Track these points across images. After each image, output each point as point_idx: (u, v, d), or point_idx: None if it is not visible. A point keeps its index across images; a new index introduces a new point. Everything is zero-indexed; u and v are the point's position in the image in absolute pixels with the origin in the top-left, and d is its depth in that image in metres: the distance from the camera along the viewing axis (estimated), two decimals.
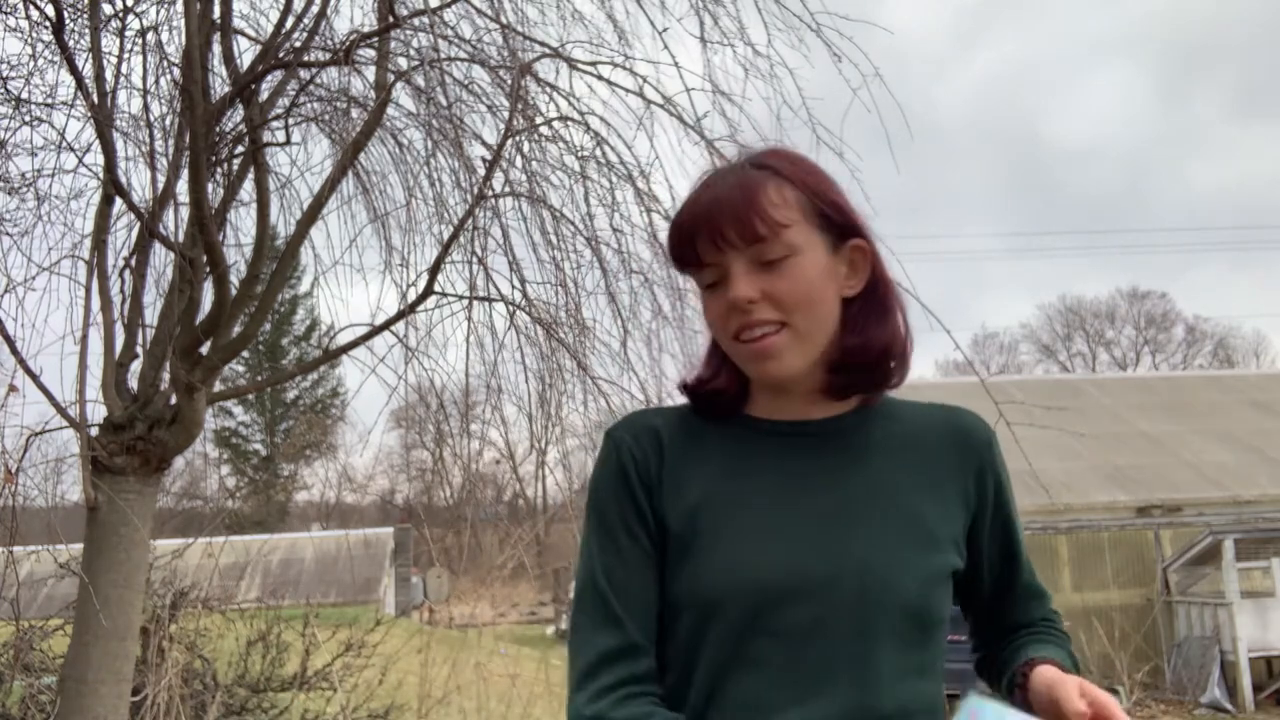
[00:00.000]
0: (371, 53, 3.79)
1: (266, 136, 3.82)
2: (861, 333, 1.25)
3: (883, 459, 1.26)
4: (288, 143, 4.01)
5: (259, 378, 10.25)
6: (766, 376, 1.24)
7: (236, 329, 3.76)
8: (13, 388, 3.51)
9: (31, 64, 4.12)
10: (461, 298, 3.95)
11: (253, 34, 4.25)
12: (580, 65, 3.88)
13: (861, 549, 1.19)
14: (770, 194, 1.21)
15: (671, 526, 1.24)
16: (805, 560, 1.19)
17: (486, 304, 4.01)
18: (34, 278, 3.94)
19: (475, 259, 3.94)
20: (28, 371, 3.65)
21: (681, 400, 1.38)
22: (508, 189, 4.03)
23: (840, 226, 1.26)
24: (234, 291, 3.65)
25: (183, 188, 3.82)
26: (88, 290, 3.84)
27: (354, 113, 4.25)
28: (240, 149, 3.95)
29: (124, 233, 4.11)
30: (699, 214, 1.23)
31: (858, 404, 1.29)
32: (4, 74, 4.15)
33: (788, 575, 1.18)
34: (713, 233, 1.21)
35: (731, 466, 1.26)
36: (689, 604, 1.20)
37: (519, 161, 4.04)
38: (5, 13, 4.05)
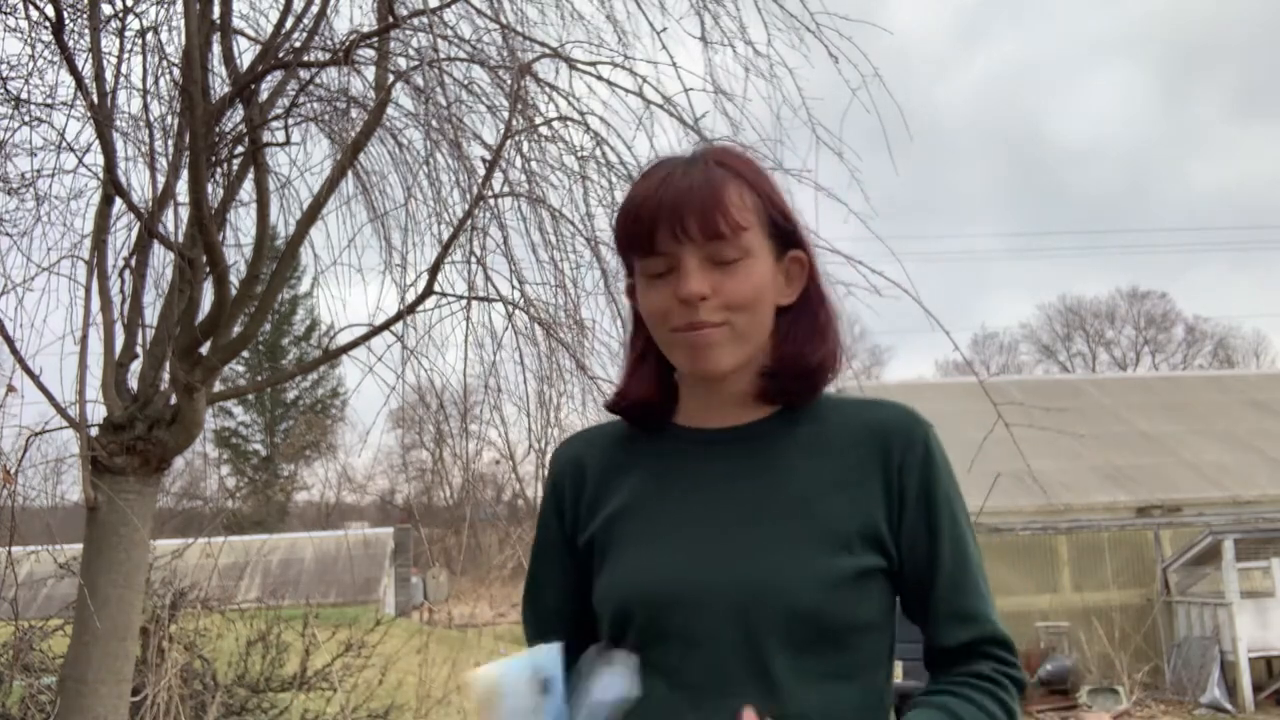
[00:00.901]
0: (371, 53, 3.79)
1: (266, 136, 3.82)
2: (795, 343, 1.27)
3: (799, 461, 1.25)
4: (287, 143, 4.02)
5: (259, 378, 10.25)
6: (701, 369, 1.24)
7: (236, 329, 3.76)
8: (11, 388, 3.51)
9: (31, 64, 4.13)
10: (461, 298, 3.95)
11: (252, 34, 4.26)
12: (580, 65, 3.88)
13: (749, 555, 1.19)
14: (733, 194, 1.22)
15: (595, 538, 1.30)
16: (688, 568, 1.20)
17: (486, 304, 4.01)
18: (34, 278, 3.95)
19: (475, 259, 3.95)
20: (27, 371, 3.65)
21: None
22: (507, 189, 4.03)
23: (785, 236, 1.28)
24: (234, 291, 3.65)
25: (183, 188, 3.82)
26: (87, 290, 3.84)
27: (354, 113, 4.25)
28: (240, 149, 3.95)
29: (124, 233, 4.12)
30: (663, 202, 1.21)
31: (783, 407, 1.29)
32: (4, 74, 4.15)
33: (671, 583, 1.21)
34: (674, 223, 1.20)
35: (652, 476, 1.29)
36: (601, 610, 1.28)
37: (519, 162, 4.05)
38: (5, 13, 4.05)
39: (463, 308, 3.93)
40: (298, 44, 3.92)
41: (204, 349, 3.66)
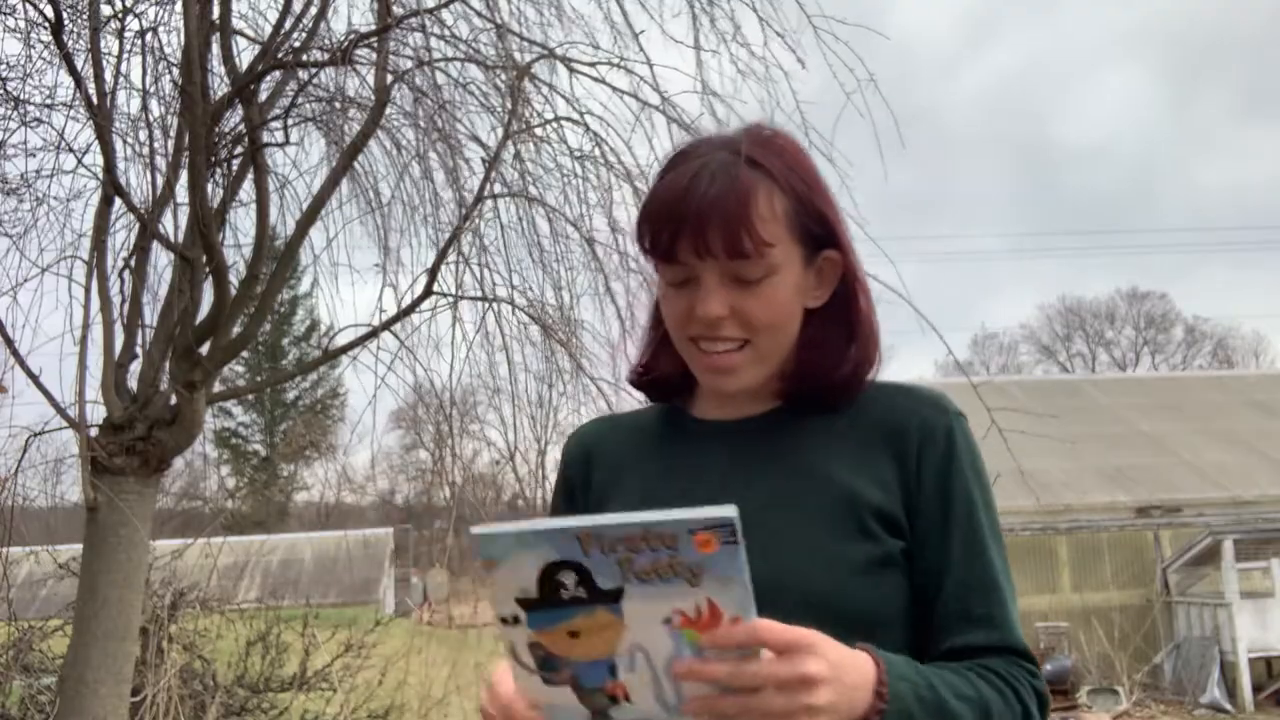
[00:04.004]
0: (370, 53, 3.79)
1: (265, 137, 3.82)
2: (821, 352, 1.21)
3: (817, 450, 1.19)
4: (286, 143, 4.02)
5: (259, 378, 10.25)
6: (716, 388, 1.21)
7: (236, 329, 3.77)
8: (1, 388, 3.51)
9: (29, 65, 4.13)
10: (460, 298, 3.95)
11: (252, 34, 4.26)
12: (578, 66, 3.88)
13: (765, 546, 1.09)
14: (761, 205, 1.13)
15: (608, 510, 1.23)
16: None
17: (485, 304, 4.01)
18: (34, 278, 3.95)
19: (473, 260, 3.95)
20: (27, 372, 3.66)
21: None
22: (506, 190, 4.03)
23: (819, 238, 1.19)
24: (234, 292, 3.65)
25: (182, 188, 3.82)
26: (87, 291, 3.84)
27: (352, 113, 4.25)
28: (240, 149, 3.95)
29: (123, 233, 4.12)
30: (686, 213, 1.13)
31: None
32: (2, 75, 4.15)
33: None
34: (696, 238, 1.12)
35: (671, 467, 1.26)
36: None
37: (516, 162, 4.05)
38: (4, 13, 4.05)
39: (461, 307, 3.92)
40: (297, 44, 3.92)
41: (204, 349, 3.66)
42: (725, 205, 1.12)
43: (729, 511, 0.88)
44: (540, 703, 0.98)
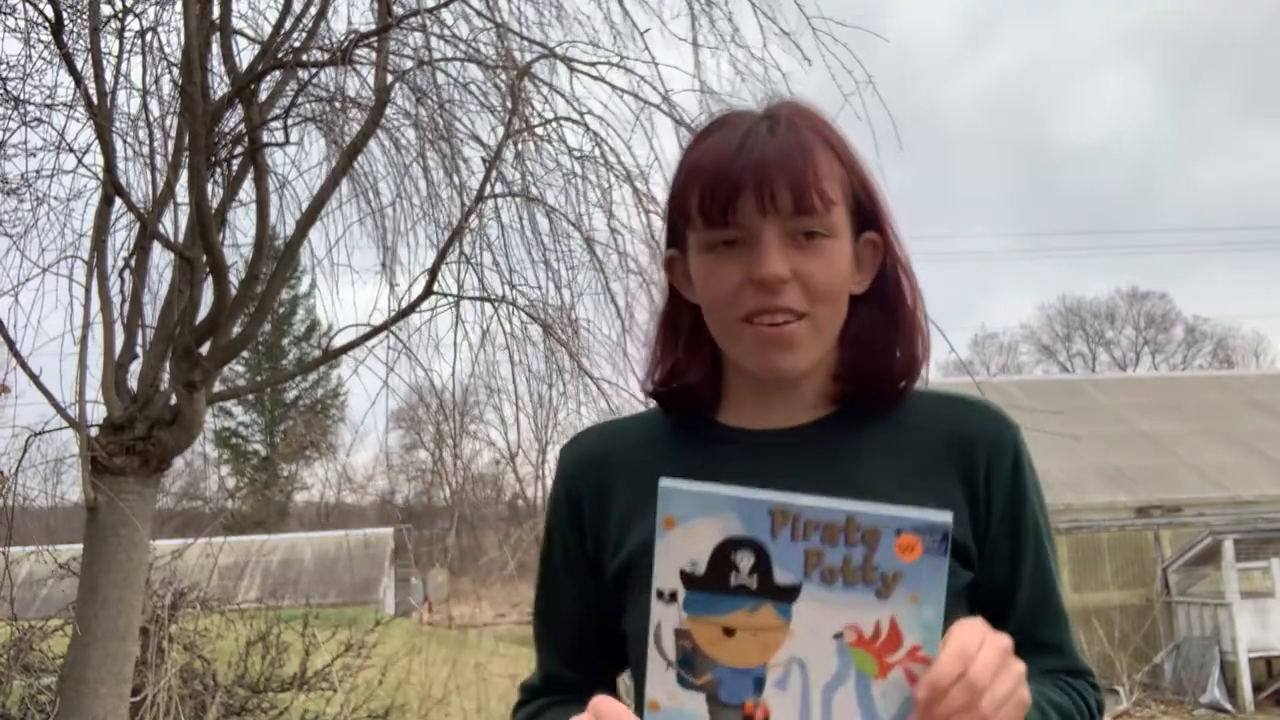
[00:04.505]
0: (370, 53, 3.79)
1: (265, 137, 3.83)
2: (870, 342, 1.11)
3: (871, 463, 1.09)
4: (286, 143, 4.02)
5: (259, 378, 10.25)
6: (776, 369, 1.06)
7: (236, 329, 3.77)
8: (4, 388, 3.51)
9: (29, 65, 4.13)
10: (460, 298, 3.96)
11: (252, 34, 4.26)
12: (578, 66, 3.88)
13: None
14: (823, 163, 1.05)
15: (635, 563, 1.08)
16: None
17: (485, 304, 4.01)
18: (34, 278, 3.95)
19: (474, 260, 3.95)
20: (27, 372, 3.66)
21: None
22: (506, 190, 4.03)
23: (864, 216, 1.11)
24: (234, 292, 3.65)
25: (182, 188, 3.82)
26: (87, 290, 3.84)
27: (352, 113, 4.25)
28: (240, 149, 3.95)
29: (123, 233, 4.12)
30: (750, 166, 1.03)
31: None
32: (3, 75, 4.15)
33: None
34: (762, 192, 1.02)
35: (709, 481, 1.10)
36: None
37: (517, 162, 4.05)
38: (4, 13, 4.05)
39: (462, 308, 3.93)
40: (297, 44, 3.92)
41: (204, 349, 3.66)
42: (790, 158, 1.04)
43: (944, 516, 0.80)
44: (662, 705, 0.86)
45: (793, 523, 0.81)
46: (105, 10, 3.96)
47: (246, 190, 4.06)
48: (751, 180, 1.03)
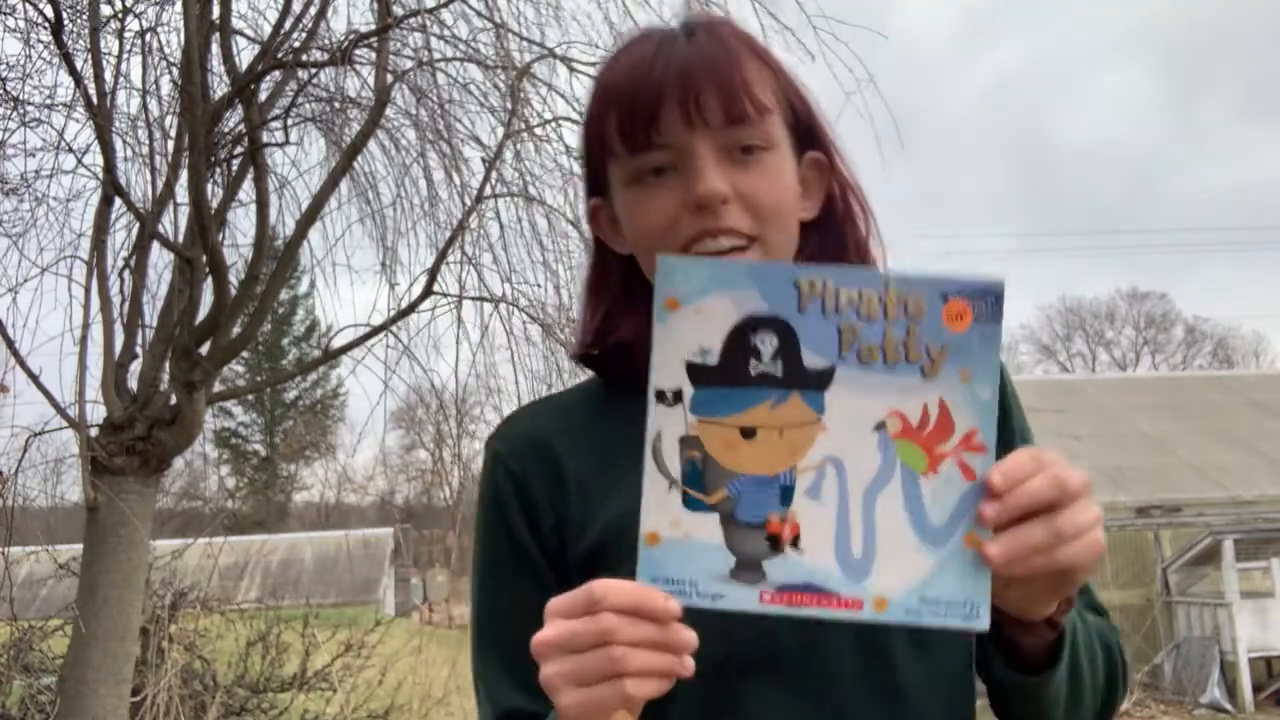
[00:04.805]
0: (370, 53, 3.79)
1: (265, 137, 3.83)
2: None
3: None
4: (286, 143, 4.02)
5: (259, 378, 10.26)
6: None
7: (236, 329, 3.77)
8: (3, 387, 3.51)
9: (29, 65, 4.13)
10: (461, 298, 3.96)
11: (252, 34, 4.26)
12: (577, 66, 3.88)
13: None
14: (752, 69, 0.94)
15: (604, 544, 0.94)
16: None
17: (485, 304, 4.01)
18: (34, 278, 3.95)
19: (474, 260, 3.95)
20: (27, 372, 3.66)
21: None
22: (506, 190, 4.03)
23: (805, 131, 0.99)
24: (233, 292, 3.65)
25: (182, 188, 3.82)
26: (87, 290, 3.85)
27: (352, 113, 4.26)
28: (239, 149, 3.95)
29: (123, 233, 4.12)
30: (669, 76, 0.91)
31: None
32: (3, 75, 4.16)
33: None
34: (687, 101, 0.90)
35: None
36: None
37: (516, 162, 4.05)
38: (4, 13, 4.05)
39: (462, 308, 3.93)
40: (297, 44, 3.92)
41: (204, 349, 3.66)
42: (715, 63, 0.92)
43: (998, 277, 0.70)
44: (664, 536, 0.71)
45: (823, 295, 0.69)
46: (105, 10, 3.97)
47: (246, 190, 4.07)
48: (674, 90, 0.90)
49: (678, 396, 0.70)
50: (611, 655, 0.69)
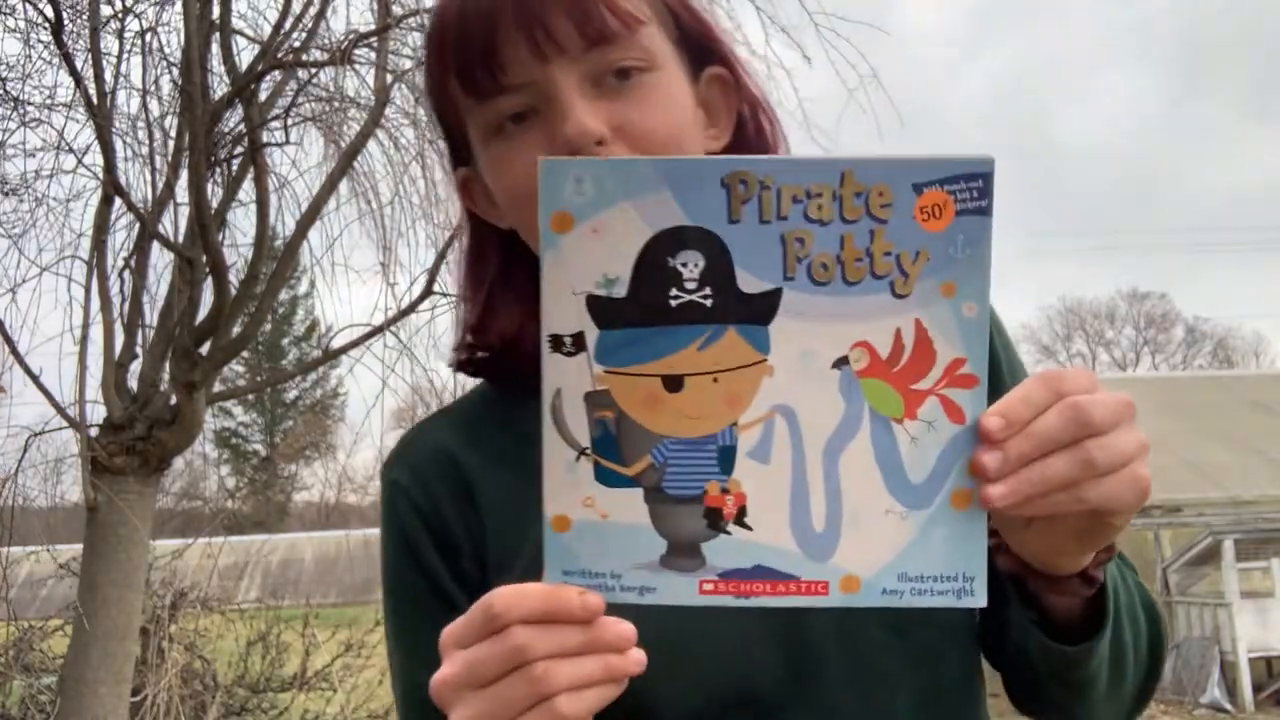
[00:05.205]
0: (370, 53, 3.80)
1: (265, 137, 3.83)
2: None
3: None
4: (286, 143, 4.02)
5: (259, 378, 10.26)
6: None
7: (236, 329, 3.77)
8: (0, 388, 3.52)
9: (29, 65, 4.13)
10: (461, 298, 3.96)
11: (252, 34, 4.26)
12: None
13: None
14: None
15: (516, 575, 0.70)
16: None
17: None
18: (33, 278, 3.96)
19: None
20: (27, 372, 3.66)
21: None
22: None
23: (698, 45, 0.83)
24: (233, 292, 3.66)
25: (182, 188, 3.83)
26: (87, 290, 3.85)
27: (352, 113, 4.26)
28: (239, 149, 3.95)
29: (123, 233, 4.12)
30: (503, 1, 0.74)
31: None
32: (2, 75, 4.16)
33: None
34: (532, 27, 0.73)
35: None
36: None
37: None
38: (4, 13, 4.06)
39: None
40: (297, 44, 3.92)
41: (204, 349, 3.66)
42: None
43: (985, 155, 0.55)
44: (574, 520, 0.56)
45: (759, 195, 0.52)
46: (105, 10, 3.97)
47: (246, 190, 4.07)
48: (514, 15, 0.73)
49: (578, 342, 0.54)
50: (531, 676, 0.55)
